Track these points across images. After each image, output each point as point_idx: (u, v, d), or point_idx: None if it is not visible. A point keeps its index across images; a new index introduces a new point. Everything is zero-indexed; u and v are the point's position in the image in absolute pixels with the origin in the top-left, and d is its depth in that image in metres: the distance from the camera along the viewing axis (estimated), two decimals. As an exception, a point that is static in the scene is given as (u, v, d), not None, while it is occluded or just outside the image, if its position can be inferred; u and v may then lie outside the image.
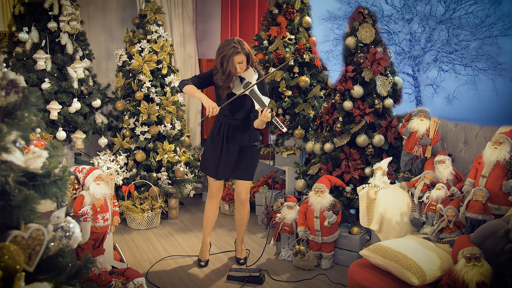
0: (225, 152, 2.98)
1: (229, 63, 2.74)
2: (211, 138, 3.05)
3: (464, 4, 4.33)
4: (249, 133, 2.99)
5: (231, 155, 2.99)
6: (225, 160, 2.99)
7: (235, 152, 2.98)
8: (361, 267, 2.33)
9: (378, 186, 2.78)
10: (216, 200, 3.21)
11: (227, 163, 3.00)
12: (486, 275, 1.99)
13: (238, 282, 3.00)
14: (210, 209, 3.22)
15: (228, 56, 2.73)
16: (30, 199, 1.15)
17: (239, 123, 2.97)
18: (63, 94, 3.86)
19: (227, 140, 2.97)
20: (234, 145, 2.97)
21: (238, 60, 2.75)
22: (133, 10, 4.85)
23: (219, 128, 2.99)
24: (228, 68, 2.75)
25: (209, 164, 3.05)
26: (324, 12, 4.85)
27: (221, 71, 2.79)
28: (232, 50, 2.73)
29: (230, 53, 2.73)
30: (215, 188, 3.15)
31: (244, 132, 2.98)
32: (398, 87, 3.49)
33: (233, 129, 2.96)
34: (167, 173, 4.15)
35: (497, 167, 2.55)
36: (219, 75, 2.81)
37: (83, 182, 2.69)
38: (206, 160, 3.09)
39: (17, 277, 1.08)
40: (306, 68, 4.07)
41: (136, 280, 2.41)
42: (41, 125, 1.26)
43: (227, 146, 2.98)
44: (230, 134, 2.96)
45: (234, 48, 2.73)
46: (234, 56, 2.73)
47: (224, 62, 2.75)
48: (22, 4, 3.86)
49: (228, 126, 2.96)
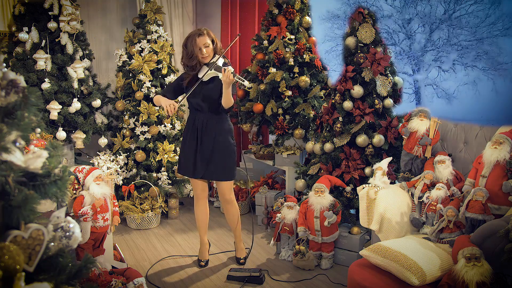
0: (200, 147, 2.99)
1: (192, 43, 2.87)
2: (185, 136, 3.06)
3: (464, 4, 4.33)
4: (224, 127, 3.01)
5: (206, 151, 2.98)
6: (200, 156, 2.99)
7: (209, 147, 2.98)
8: (361, 267, 2.33)
9: (378, 186, 2.78)
10: (203, 201, 3.21)
11: (203, 160, 3.00)
12: (486, 275, 1.98)
13: (238, 282, 3.00)
14: (200, 210, 3.22)
15: (191, 36, 2.89)
16: (30, 199, 1.15)
17: (212, 117, 2.97)
18: (63, 94, 3.87)
19: (201, 136, 2.98)
20: (208, 140, 2.97)
21: (202, 42, 2.88)
22: (133, 10, 4.85)
23: (192, 124, 3.01)
24: (191, 47, 2.88)
25: (185, 163, 3.05)
26: (324, 12, 4.85)
27: (185, 52, 2.92)
28: (195, 31, 2.91)
29: (193, 34, 2.90)
30: (200, 189, 3.15)
31: (218, 126, 2.99)
32: (398, 87, 3.49)
33: (207, 124, 2.97)
34: (167, 173, 4.15)
35: (497, 167, 2.55)
36: (184, 57, 2.94)
37: (83, 182, 2.69)
38: (182, 160, 3.08)
39: (17, 277, 1.08)
40: (306, 68, 4.07)
41: (136, 280, 2.41)
42: (41, 125, 1.26)
43: (201, 142, 2.98)
44: (204, 129, 2.97)
45: (198, 30, 2.91)
46: (197, 37, 2.87)
47: (188, 43, 2.90)
48: (22, 4, 3.86)
49: (202, 121, 2.98)
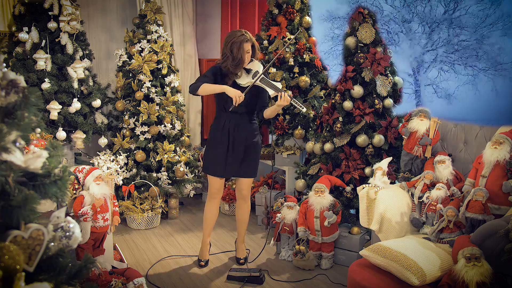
0: (232, 149, 2.98)
1: (240, 49, 2.82)
2: (214, 137, 3.02)
3: (464, 4, 4.33)
4: (253, 127, 3.03)
5: (239, 152, 2.99)
6: (232, 157, 2.99)
7: (241, 148, 2.98)
8: (361, 267, 2.33)
9: (378, 186, 2.78)
10: (216, 201, 3.20)
11: (235, 160, 3.00)
12: (486, 275, 1.98)
13: (238, 282, 3.00)
14: (210, 210, 3.21)
15: (239, 42, 2.83)
16: (30, 199, 1.15)
17: (243, 119, 2.98)
18: (63, 94, 3.87)
19: (233, 137, 2.97)
20: (240, 141, 2.97)
21: (246, 48, 2.85)
22: (133, 10, 4.84)
23: (223, 125, 2.99)
24: (239, 54, 2.83)
25: (215, 164, 3.02)
26: (324, 12, 4.85)
27: (231, 57, 2.85)
28: (242, 37, 2.84)
29: (241, 39, 2.83)
30: (216, 188, 3.13)
31: (248, 127, 3.00)
32: (398, 87, 3.49)
33: (238, 125, 2.97)
34: (167, 173, 4.15)
35: (497, 167, 2.54)
36: (229, 61, 2.86)
37: (83, 182, 2.69)
38: (211, 160, 3.05)
39: (17, 277, 1.08)
40: (306, 68, 4.07)
41: (136, 280, 2.41)
42: (41, 125, 1.26)
43: (233, 143, 2.97)
44: (236, 130, 2.97)
45: (243, 36, 2.85)
46: (244, 43, 2.83)
47: (234, 48, 2.83)
48: (22, 4, 3.85)
49: (234, 123, 2.97)
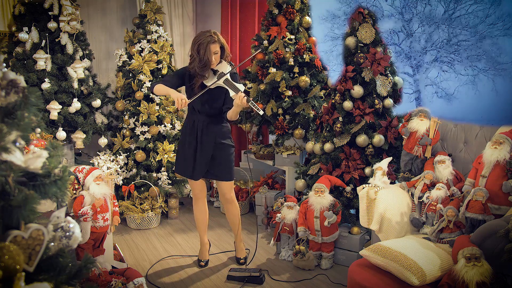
0: (200, 150, 2.97)
1: (206, 50, 2.79)
2: (184, 137, 3.03)
3: (464, 4, 4.33)
4: (223, 129, 3.00)
5: (207, 153, 2.97)
6: (200, 158, 2.98)
7: (209, 149, 2.96)
8: (361, 267, 2.33)
9: (378, 186, 2.78)
10: (201, 201, 3.20)
11: (203, 161, 2.98)
12: (486, 275, 1.98)
13: (238, 282, 3.00)
14: (199, 210, 3.22)
15: (205, 44, 2.79)
16: (30, 199, 1.15)
17: (212, 119, 2.96)
18: (63, 94, 3.87)
19: (201, 137, 2.96)
20: (208, 142, 2.96)
21: (213, 50, 2.81)
22: (133, 10, 4.85)
23: (192, 126, 2.98)
24: (205, 56, 2.79)
25: (184, 164, 3.03)
26: (324, 12, 4.85)
27: (198, 58, 2.82)
28: (209, 38, 2.79)
29: (208, 41, 2.79)
30: (198, 189, 3.15)
31: (217, 128, 2.98)
32: (398, 87, 3.48)
33: (207, 126, 2.95)
34: (167, 173, 4.15)
35: (497, 167, 2.55)
36: (196, 63, 2.83)
37: (83, 182, 2.69)
38: (181, 160, 3.06)
39: (17, 277, 1.08)
40: (306, 68, 4.07)
41: (136, 280, 2.41)
42: (41, 125, 1.26)
43: (201, 143, 2.96)
44: (204, 130, 2.95)
45: (211, 37, 2.80)
46: (211, 44, 2.79)
47: (201, 50, 2.79)
48: (22, 4, 3.86)
49: (202, 123, 2.95)
